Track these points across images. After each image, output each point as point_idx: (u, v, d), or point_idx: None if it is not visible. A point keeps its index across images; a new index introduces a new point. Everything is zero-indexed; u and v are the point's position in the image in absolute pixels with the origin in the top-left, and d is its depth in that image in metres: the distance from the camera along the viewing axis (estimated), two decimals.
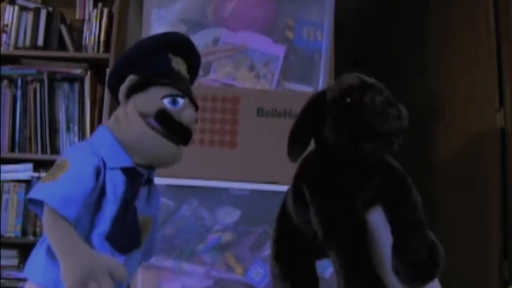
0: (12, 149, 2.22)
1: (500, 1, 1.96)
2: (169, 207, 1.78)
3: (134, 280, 1.75)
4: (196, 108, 1.05)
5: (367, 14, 2.81)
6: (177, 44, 1.06)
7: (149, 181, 1.04)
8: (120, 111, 1.02)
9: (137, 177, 0.99)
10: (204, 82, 1.86)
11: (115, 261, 0.91)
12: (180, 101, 1.00)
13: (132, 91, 1.00)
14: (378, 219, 1.08)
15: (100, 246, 0.93)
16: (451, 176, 2.14)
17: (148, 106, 0.99)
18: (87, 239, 0.93)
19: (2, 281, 2.12)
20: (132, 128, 0.98)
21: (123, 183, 0.95)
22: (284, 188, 1.23)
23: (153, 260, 1.74)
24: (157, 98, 0.99)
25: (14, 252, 2.17)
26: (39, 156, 2.20)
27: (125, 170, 0.97)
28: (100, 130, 1.03)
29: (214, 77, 1.88)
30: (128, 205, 0.95)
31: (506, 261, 1.83)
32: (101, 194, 0.95)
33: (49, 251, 0.92)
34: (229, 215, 1.81)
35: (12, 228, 2.17)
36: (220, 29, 1.93)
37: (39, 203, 0.92)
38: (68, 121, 2.25)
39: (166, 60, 1.02)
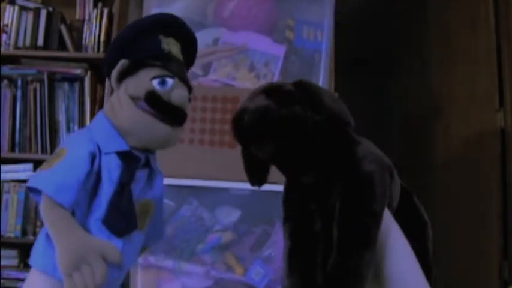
0: (12, 149, 2.22)
1: (500, 1, 1.96)
2: (169, 207, 1.78)
3: (134, 280, 1.75)
4: (190, 88, 1.04)
5: (367, 14, 2.81)
6: (167, 24, 1.06)
7: (149, 164, 1.04)
8: (113, 96, 1.03)
9: (133, 161, 0.99)
10: (204, 82, 1.86)
11: (108, 245, 0.92)
12: (169, 81, 1.00)
13: (123, 75, 1.00)
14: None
15: (98, 231, 0.94)
16: (451, 176, 2.14)
17: (138, 89, 0.99)
18: (86, 224, 0.94)
19: (2, 281, 2.12)
20: (125, 112, 0.99)
21: (118, 167, 0.96)
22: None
23: (153, 260, 1.75)
24: (147, 80, 0.99)
25: (14, 252, 2.17)
26: (39, 156, 2.20)
27: (121, 154, 0.97)
28: (98, 116, 1.05)
29: (214, 77, 1.88)
30: (123, 188, 0.96)
31: (506, 261, 1.84)
32: (97, 179, 0.96)
33: (48, 237, 0.94)
34: (229, 215, 1.81)
35: (12, 228, 2.16)
36: (220, 29, 1.93)
37: (38, 191, 0.93)
38: (68, 121, 2.25)
39: (156, 42, 1.02)
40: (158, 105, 0.98)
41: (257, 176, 1.12)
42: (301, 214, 1.08)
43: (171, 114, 1.00)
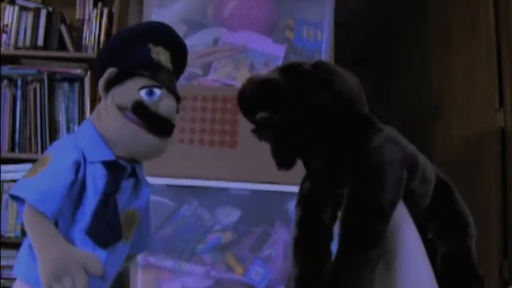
0: (12, 149, 2.22)
1: (500, 1, 1.96)
2: (169, 207, 1.78)
3: (134, 280, 1.75)
4: (178, 98, 1.03)
5: (367, 14, 2.81)
6: (156, 33, 1.04)
7: (135, 174, 1.02)
8: (101, 104, 1.01)
9: (118, 171, 0.97)
10: (204, 82, 1.86)
11: (89, 256, 0.91)
12: (157, 91, 0.98)
13: (110, 84, 0.99)
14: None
15: (82, 242, 0.93)
16: (451, 176, 2.13)
17: (126, 99, 0.97)
18: (69, 234, 0.93)
19: (2, 281, 2.12)
20: (111, 122, 0.97)
21: (103, 177, 0.95)
22: (284, 188, 1.22)
23: (153, 260, 1.75)
24: (134, 90, 0.98)
25: (14, 252, 2.16)
26: (39, 156, 2.18)
27: (106, 164, 0.96)
28: (84, 124, 1.03)
29: (214, 77, 1.88)
30: (108, 198, 0.94)
31: (506, 261, 1.83)
32: (81, 188, 0.94)
33: (31, 247, 0.93)
34: (229, 215, 1.81)
35: (12, 228, 2.16)
36: (220, 29, 1.93)
37: (22, 199, 0.92)
38: (68, 121, 2.25)
39: (145, 51, 1.01)
40: (145, 116, 0.97)
41: (283, 157, 1.04)
42: (310, 201, 1.04)
43: (158, 125, 0.98)
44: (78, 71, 2.25)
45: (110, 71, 0.98)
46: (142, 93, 0.97)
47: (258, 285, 1.75)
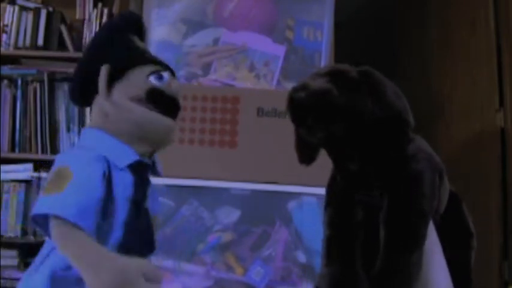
0: (12, 149, 2.22)
1: (500, 1, 1.96)
2: (169, 207, 1.78)
3: None
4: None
5: (367, 14, 2.81)
6: (132, 22, 1.02)
7: (155, 170, 0.99)
8: (102, 107, 0.94)
9: (144, 171, 0.94)
10: (204, 82, 1.86)
11: (147, 262, 0.84)
12: (165, 74, 0.96)
13: (111, 81, 0.94)
14: None
15: None
16: (451, 176, 2.13)
17: (136, 89, 0.93)
18: None
19: (2, 281, 2.12)
20: (129, 115, 0.92)
21: (131, 185, 0.90)
22: (284, 188, 1.22)
23: (153, 260, 1.75)
24: (142, 78, 0.94)
25: (14, 252, 2.17)
26: (39, 156, 2.20)
27: (132, 167, 0.91)
28: (88, 133, 0.97)
29: (214, 77, 1.88)
30: (138, 207, 0.90)
31: (506, 261, 1.83)
32: (107, 201, 0.88)
33: (53, 279, 0.85)
34: (229, 215, 1.81)
35: (12, 228, 2.16)
36: (220, 29, 1.93)
37: (41, 219, 0.85)
38: (68, 121, 2.25)
39: (129, 41, 0.98)
40: (162, 101, 0.94)
41: (306, 154, 1.07)
42: (344, 202, 1.06)
43: (173, 107, 0.96)
44: None
45: (106, 68, 0.93)
46: (152, 79, 0.94)
47: (258, 285, 1.75)
